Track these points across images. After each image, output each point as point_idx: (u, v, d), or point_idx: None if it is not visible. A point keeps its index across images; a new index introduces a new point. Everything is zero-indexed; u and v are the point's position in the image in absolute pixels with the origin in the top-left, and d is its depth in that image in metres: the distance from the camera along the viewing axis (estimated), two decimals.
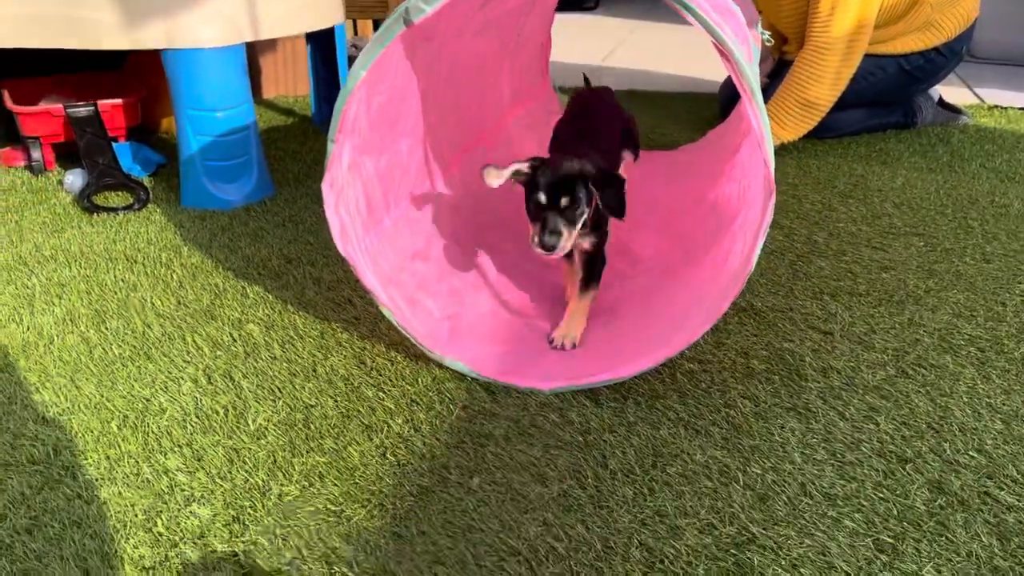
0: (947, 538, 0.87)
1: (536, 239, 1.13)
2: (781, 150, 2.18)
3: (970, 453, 0.99)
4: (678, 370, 1.18)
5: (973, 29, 2.24)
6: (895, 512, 0.90)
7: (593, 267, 1.26)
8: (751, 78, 0.97)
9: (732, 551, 0.85)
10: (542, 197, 1.14)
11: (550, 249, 1.12)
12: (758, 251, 1.01)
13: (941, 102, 2.42)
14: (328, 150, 1.12)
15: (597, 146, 1.32)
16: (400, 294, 1.24)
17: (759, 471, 0.97)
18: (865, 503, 0.92)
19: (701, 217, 1.50)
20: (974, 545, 0.86)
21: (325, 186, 1.13)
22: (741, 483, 0.95)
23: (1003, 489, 0.93)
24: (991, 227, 1.66)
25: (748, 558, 0.84)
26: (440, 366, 1.19)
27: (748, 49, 1.42)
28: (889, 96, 2.27)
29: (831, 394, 1.11)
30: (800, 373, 1.16)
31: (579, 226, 1.15)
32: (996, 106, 2.59)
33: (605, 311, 1.36)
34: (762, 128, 0.98)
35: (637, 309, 1.33)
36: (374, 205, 1.25)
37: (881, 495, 0.93)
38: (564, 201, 1.12)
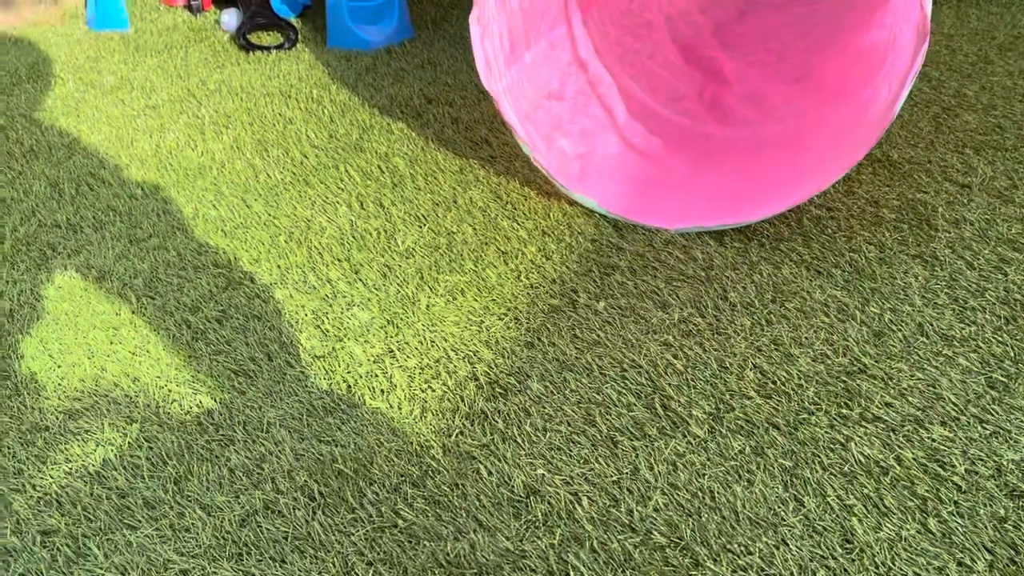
0: None
1: None
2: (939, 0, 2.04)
3: None
4: (805, 215, 1.20)
5: None
6: (1011, 355, 0.93)
7: None
8: None
9: (843, 378, 0.91)
10: None
11: None
12: (903, 99, 1.00)
13: None
14: None
15: None
16: (536, 131, 1.29)
17: (877, 311, 1.01)
18: (982, 345, 0.95)
19: (841, 67, 1.46)
20: None
21: (472, 19, 1.18)
22: (858, 320, 0.99)
23: None
24: None
25: (857, 385, 0.90)
26: (571, 202, 1.26)
27: None
28: None
29: (961, 244, 1.12)
30: (931, 223, 1.17)
31: None
32: None
33: (735, 156, 1.38)
34: None
35: (768, 155, 1.34)
36: (516, 40, 1.29)
37: (1000, 339, 0.95)
38: None
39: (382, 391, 0.93)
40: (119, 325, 1.05)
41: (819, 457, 0.82)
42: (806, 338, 0.97)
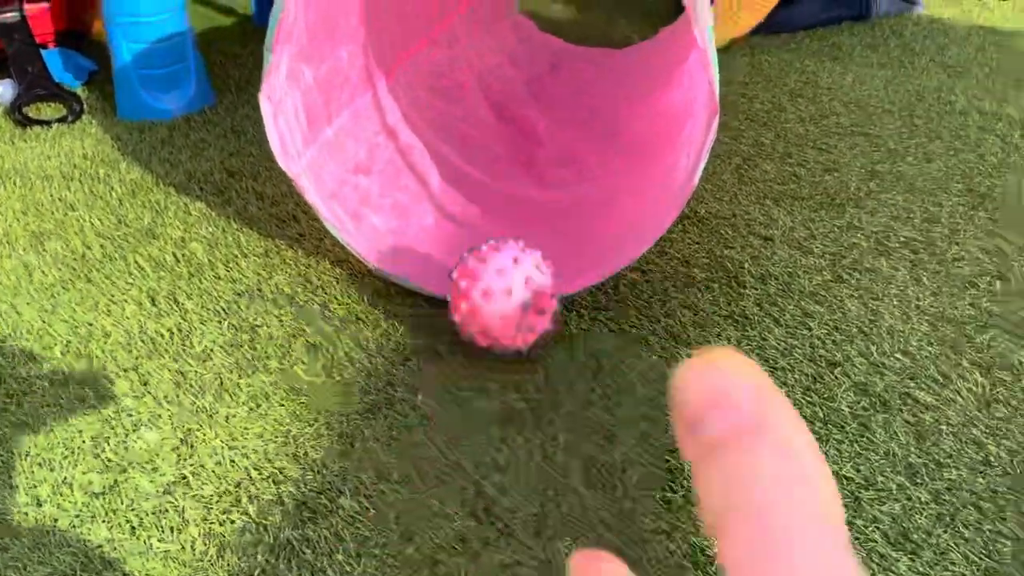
0: (867, 438, 0.91)
1: None
2: (733, 46, 2.15)
3: (896, 355, 1.03)
4: (621, 281, 1.20)
5: None
6: (820, 415, 0.95)
7: None
8: None
9: (667, 458, 0.89)
10: None
11: None
12: (700, 170, 1.02)
13: None
14: (265, 60, 1.09)
15: None
16: (343, 209, 1.23)
17: None
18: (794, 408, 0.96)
19: (648, 125, 1.49)
20: (892, 444, 0.91)
21: (263, 97, 1.10)
22: None
23: (923, 390, 0.97)
24: (935, 125, 1.67)
25: (680, 465, 0.89)
26: (387, 282, 1.20)
27: None
28: None
29: (768, 301, 1.14)
30: (739, 280, 1.19)
31: None
32: None
33: (553, 220, 1.36)
34: (707, 48, 0.97)
35: (582, 222, 1.33)
36: (315, 115, 1.22)
37: (809, 399, 0.97)
38: None
39: (172, 529, 0.82)
40: None
41: None
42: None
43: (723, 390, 0.16)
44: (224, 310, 1.15)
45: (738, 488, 0.16)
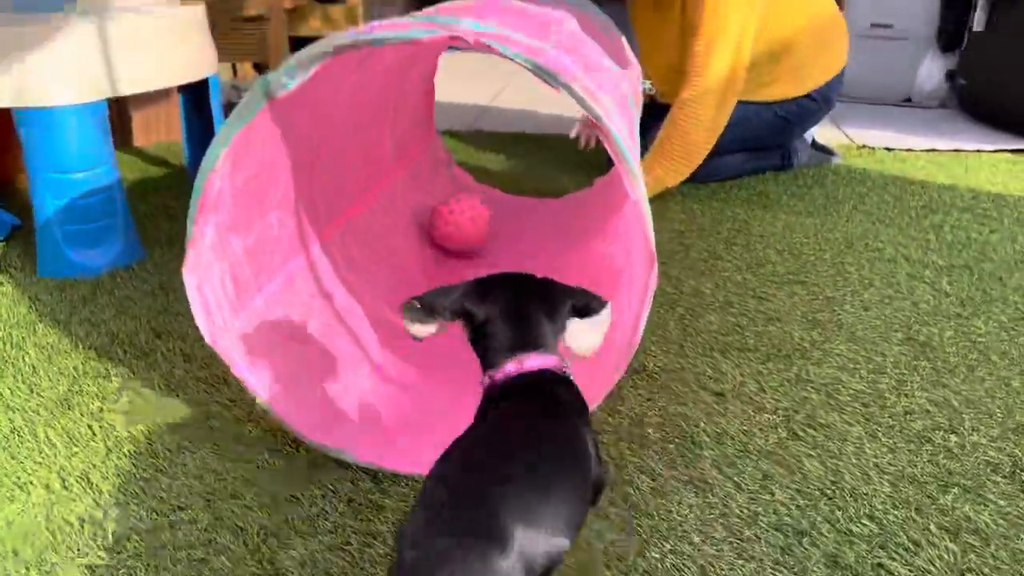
0: None
1: None
2: (665, 195, 2.21)
3: (862, 521, 0.99)
4: None
5: (842, 76, 2.34)
6: None
7: None
8: (626, 151, 0.96)
9: None
10: None
11: None
12: (643, 323, 0.99)
13: (814, 143, 2.52)
14: (188, 231, 1.03)
15: None
16: (275, 380, 1.15)
17: (658, 555, 0.94)
18: None
19: (587, 276, 1.48)
20: None
21: (185, 271, 1.04)
22: (640, 571, 0.92)
23: (895, 559, 0.93)
24: (867, 272, 1.71)
25: None
26: (323, 455, 1.11)
27: (626, 111, 1.42)
28: (765, 141, 2.34)
29: (726, 462, 1.10)
30: (695, 440, 1.15)
31: None
32: (864, 146, 2.71)
33: None
34: (639, 199, 0.97)
35: None
36: (243, 285, 1.16)
37: (779, 573, 0.91)
38: None
39: None
40: None
41: None
42: None
43: None
44: (143, 491, 1.05)
45: None
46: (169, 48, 1.83)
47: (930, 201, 2.16)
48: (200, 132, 2.28)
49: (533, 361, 0.83)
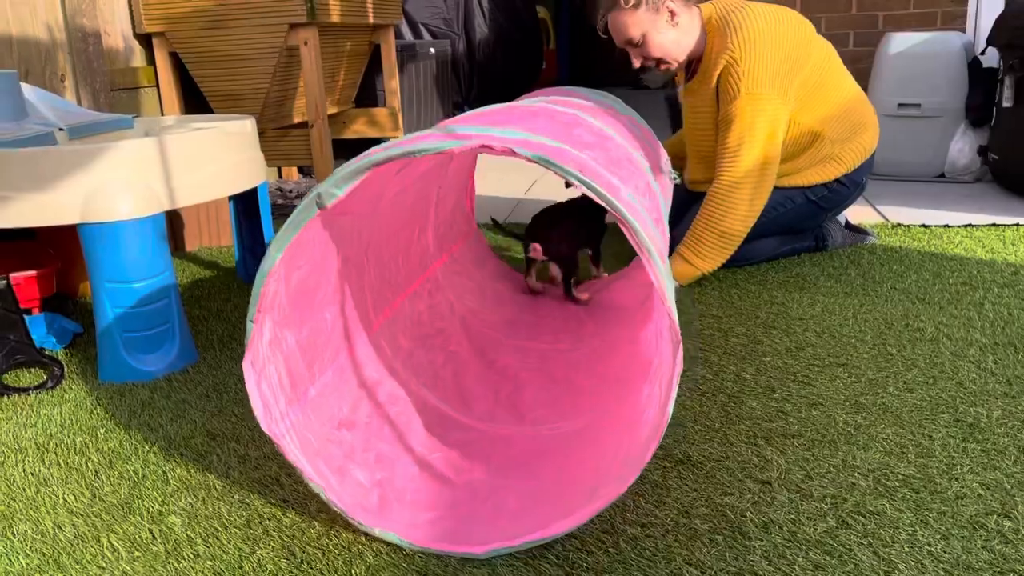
0: None
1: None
2: (703, 281, 2.24)
3: None
4: (621, 537, 1.15)
5: (873, 160, 2.38)
6: None
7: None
8: (646, 239, 1.01)
9: None
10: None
11: None
12: (671, 405, 1.02)
13: (848, 225, 2.55)
14: (248, 330, 1.10)
15: None
16: (328, 466, 1.20)
17: None
18: None
19: (623, 358, 1.52)
20: None
21: (246, 364, 1.11)
22: None
23: None
24: (909, 353, 1.71)
25: None
26: (371, 543, 1.14)
27: (652, 200, 1.47)
28: (799, 224, 2.37)
29: (775, 553, 1.10)
30: (743, 531, 1.15)
31: None
32: (899, 224, 2.72)
33: (535, 459, 1.34)
34: (662, 284, 1.01)
35: (560, 459, 1.32)
36: (297, 378, 1.22)
37: None
38: None
39: None
40: None
41: None
42: None
43: None
44: None
45: None
46: (222, 161, 1.94)
47: (970, 278, 2.16)
48: (250, 236, 2.39)
49: None
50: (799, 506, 1.20)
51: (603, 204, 1.02)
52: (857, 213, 2.84)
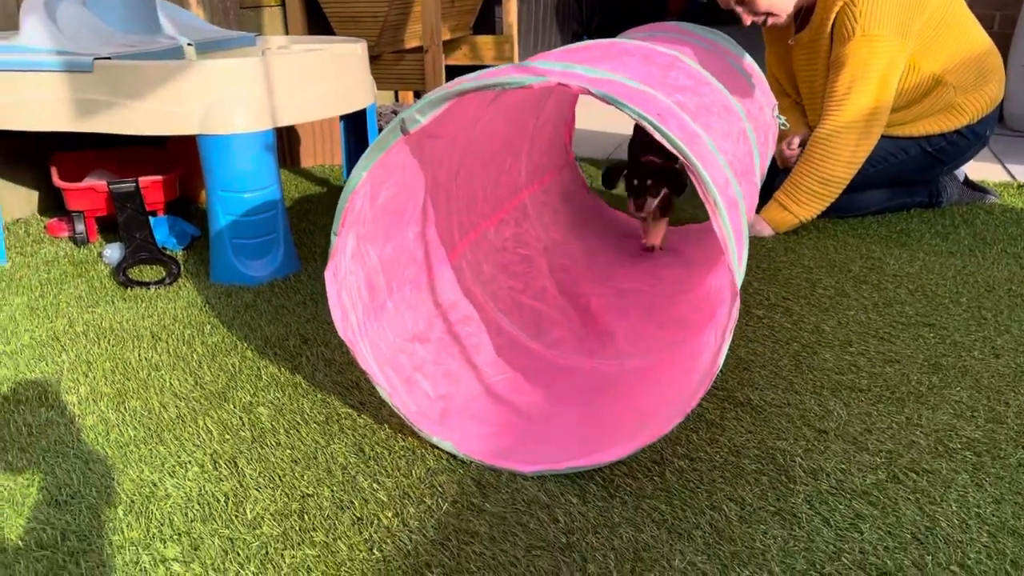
0: None
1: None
2: (800, 230, 2.20)
3: (952, 567, 0.98)
4: (667, 468, 1.19)
5: (998, 112, 2.24)
6: None
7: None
8: (714, 191, 1.02)
9: None
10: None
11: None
12: (723, 354, 1.04)
13: (967, 181, 2.42)
14: (331, 242, 1.18)
15: None
16: (397, 375, 1.29)
17: None
18: None
19: (692, 305, 1.53)
20: None
21: (328, 274, 1.20)
22: None
23: None
24: (1004, 318, 1.65)
25: None
26: (432, 449, 1.23)
27: (744, 147, 1.46)
28: (911, 177, 2.27)
29: (818, 499, 1.12)
30: (789, 474, 1.17)
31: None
32: None
33: (594, 391, 1.39)
34: (724, 236, 1.02)
35: (617, 394, 1.36)
36: (376, 290, 1.31)
37: None
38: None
39: None
40: None
41: None
42: None
43: None
44: (280, 477, 1.19)
45: None
46: (332, 82, 2.03)
47: None
48: (358, 155, 2.49)
49: None
50: (852, 457, 1.21)
51: (674, 151, 1.03)
52: (981, 170, 2.68)
